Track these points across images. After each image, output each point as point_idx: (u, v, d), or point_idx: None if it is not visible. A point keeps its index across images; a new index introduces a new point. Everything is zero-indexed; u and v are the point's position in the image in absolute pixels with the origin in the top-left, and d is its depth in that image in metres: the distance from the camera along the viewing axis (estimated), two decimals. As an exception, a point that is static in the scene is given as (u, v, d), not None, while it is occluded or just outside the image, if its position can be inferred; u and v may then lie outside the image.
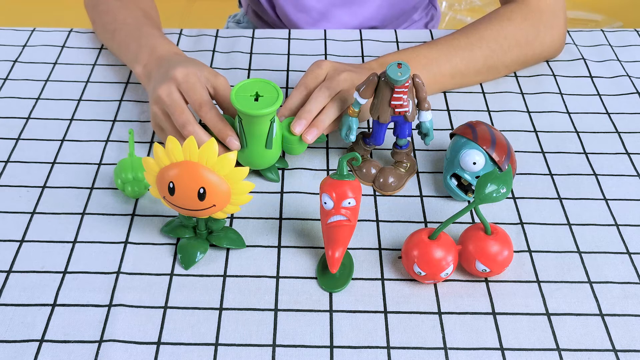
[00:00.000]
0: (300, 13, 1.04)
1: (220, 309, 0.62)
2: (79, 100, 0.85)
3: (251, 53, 0.95)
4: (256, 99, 0.67)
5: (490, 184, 0.62)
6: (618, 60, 0.95)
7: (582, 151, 0.80)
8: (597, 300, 0.64)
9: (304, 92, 0.75)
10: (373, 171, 0.75)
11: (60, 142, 0.79)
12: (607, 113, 0.86)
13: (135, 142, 0.79)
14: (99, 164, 0.76)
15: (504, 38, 0.86)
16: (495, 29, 0.87)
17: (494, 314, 0.63)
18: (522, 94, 0.88)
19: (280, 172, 0.76)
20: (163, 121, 0.74)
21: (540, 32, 0.89)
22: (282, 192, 0.74)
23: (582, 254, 0.68)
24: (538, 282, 0.66)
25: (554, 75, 0.91)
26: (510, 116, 0.85)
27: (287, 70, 0.91)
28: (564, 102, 0.87)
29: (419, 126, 0.73)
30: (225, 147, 0.71)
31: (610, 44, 0.98)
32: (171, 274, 0.65)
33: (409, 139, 0.74)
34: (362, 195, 0.72)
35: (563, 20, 0.91)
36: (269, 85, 0.69)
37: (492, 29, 0.87)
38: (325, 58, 0.94)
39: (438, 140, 0.80)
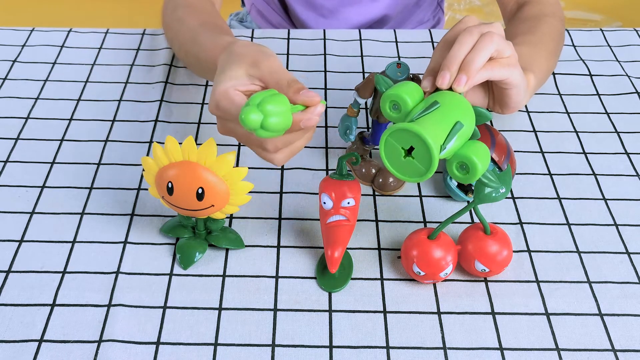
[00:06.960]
0: (309, 11, 1.05)
1: (220, 309, 0.62)
2: (78, 100, 0.85)
3: (250, 53, 0.94)
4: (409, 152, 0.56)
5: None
6: (617, 60, 0.95)
7: (582, 151, 0.80)
8: (596, 300, 0.64)
9: (446, 49, 0.63)
10: (372, 171, 0.75)
11: (59, 142, 0.79)
12: (607, 113, 0.86)
13: (135, 141, 0.79)
14: (98, 164, 0.76)
15: (559, 35, 0.85)
16: (554, 27, 0.85)
17: (493, 313, 0.63)
18: (522, 93, 0.88)
19: (279, 172, 0.76)
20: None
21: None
22: (281, 192, 0.74)
23: (582, 254, 0.68)
24: (537, 282, 0.66)
25: (553, 75, 0.91)
26: (509, 116, 0.85)
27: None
28: (563, 102, 0.87)
29: (418, 126, 0.73)
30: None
31: (609, 44, 0.98)
32: (170, 274, 0.65)
33: (408, 138, 0.74)
34: (362, 195, 0.72)
35: None
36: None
37: (551, 27, 0.84)
38: (325, 58, 0.94)
39: (437, 140, 0.80)
